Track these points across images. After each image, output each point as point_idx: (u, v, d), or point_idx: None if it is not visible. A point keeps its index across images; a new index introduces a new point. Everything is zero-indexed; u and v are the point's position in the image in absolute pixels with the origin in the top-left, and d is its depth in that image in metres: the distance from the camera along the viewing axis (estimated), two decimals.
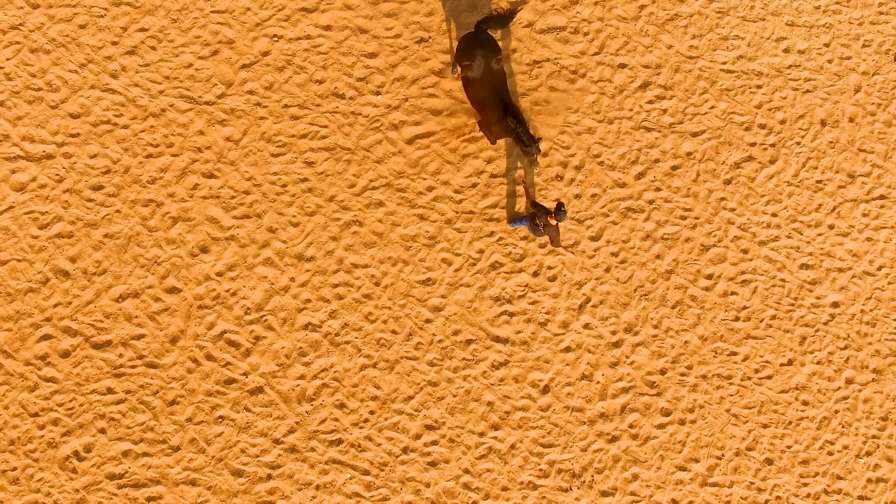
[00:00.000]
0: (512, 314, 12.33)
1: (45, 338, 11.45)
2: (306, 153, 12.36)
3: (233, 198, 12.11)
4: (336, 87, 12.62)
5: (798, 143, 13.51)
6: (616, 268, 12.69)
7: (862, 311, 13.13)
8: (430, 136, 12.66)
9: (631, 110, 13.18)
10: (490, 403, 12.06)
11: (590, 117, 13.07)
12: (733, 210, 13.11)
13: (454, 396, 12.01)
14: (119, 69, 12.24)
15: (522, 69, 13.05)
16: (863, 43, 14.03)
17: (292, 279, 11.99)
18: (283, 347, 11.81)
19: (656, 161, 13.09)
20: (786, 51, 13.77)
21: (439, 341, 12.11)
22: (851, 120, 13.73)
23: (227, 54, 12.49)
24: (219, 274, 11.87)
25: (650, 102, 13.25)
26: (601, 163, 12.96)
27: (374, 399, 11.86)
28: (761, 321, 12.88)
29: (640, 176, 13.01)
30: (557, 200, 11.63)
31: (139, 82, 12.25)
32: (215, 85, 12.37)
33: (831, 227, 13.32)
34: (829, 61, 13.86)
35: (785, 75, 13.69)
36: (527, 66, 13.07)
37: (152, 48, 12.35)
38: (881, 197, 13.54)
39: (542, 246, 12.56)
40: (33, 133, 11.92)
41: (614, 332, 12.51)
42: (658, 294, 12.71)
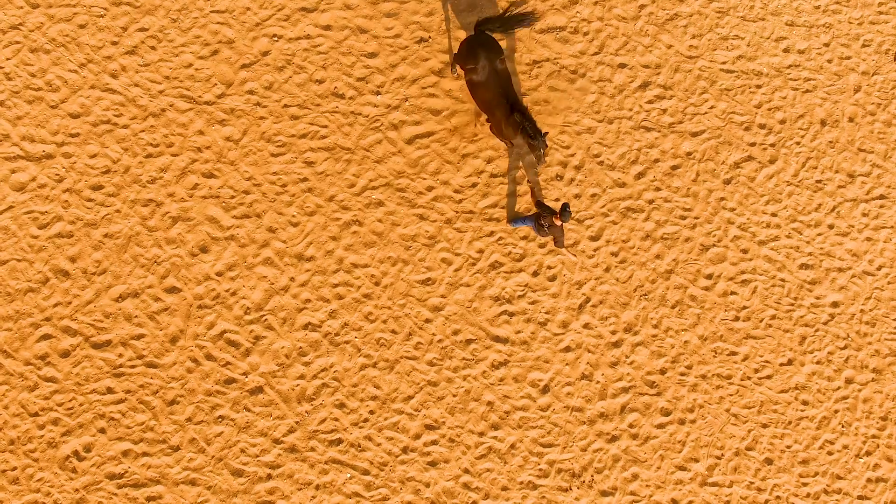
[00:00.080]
0: (512, 314, 12.33)
1: (45, 337, 11.45)
2: (306, 153, 12.36)
3: (232, 197, 12.11)
4: (336, 87, 12.62)
5: (798, 143, 13.51)
6: (616, 267, 12.69)
7: (861, 310, 13.14)
8: (430, 135, 12.66)
9: (631, 110, 13.18)
10: (490, 403, 12.07)
11: (589, 117, 13.07)
12: (733, 210, 13.11)
13: (454, 396, 12.01)
14: (119, 69, 12.24)
15: (522, 69, 13.05)
16: (862, 43, 14.03)
17: (292, 279, 11.99)
18: (282, 347, 11.81)
19: (656, 161, 13.09)
20: (785, 50, 13.77)
21: (439, 341, 12.11)
22: (851, 120, 13.73)
23: (227, 54, 12.49)
24: (219, 274, 11.87)
25: (650, 102, 13.25)
26: (601, 162, 12.96)
27: (374, 399, 11.86)
28: (761, 321, 12.88)
29: (639, 176, 13.01)
30: (563, 202, 11.62)
31: (139, 82, 12.25)
32: (215, 85, 12.37)
33: (831, 226, 13.32)
34: (829, 61, 13.86)
35: (785, 75, 13.69)
36: (526, 66, 13.07)
37: (152, 48, 12.35)
38: (881, 197, 13.54)
39: (541, 246, 12.56)
40: (33, 133, 11.92)
41: (614, 332, 12.51)
42: (658, 294, 12.72)
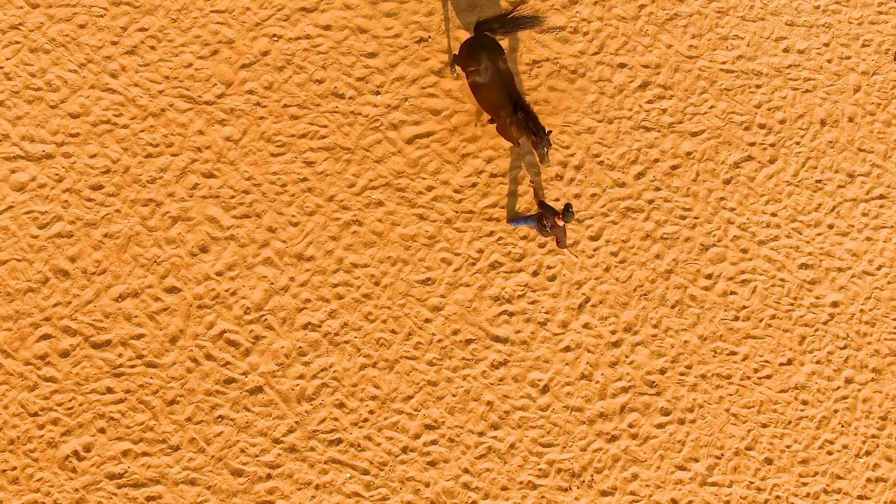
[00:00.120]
0: (511, 314, 12.33)
1: (45, 337, 11.45)
2: (306, 153, 12.37)
3: (232, 197, 12.11)
4: (335, 87, 12.62)
5: (797, 143, 13.51)
6: (615, 267, 12.70)
7: (861, 310, 13.14)
8: (430, 135, 12.67)
9: (630, 110, 13.18)
10: (489, 403, 12.07)
11: (589, 117, 13.07)
12: (733, 210, 13.12)
13: (454, 396, 12.02)
14: (119, 69, 12.24)
15: (522, 69, 13.05)
16: (862, 42, 14.03)
17: (292, 279, 11.99)
18: (282, 347, 11.81)
19: (656, 161, 13.09)
20: (785, 50, 13.77)
21: (439, 341, 12.12)
22: (851, 119, 13.73)
23: (227, 54, 12.49)
24: (218, 273, 11.88)
25: (650, 102, 13.25)
26: (601, 162, 12.96)
27: (374, 399, 11.86)
28: (761, 321, 12.88)
29: (639, 175, 13.01)
30: (566, 202, 11.64)
31: (139, 82, 12.25)
32: (215, 85, 12.37)
33: (831, 226, 13.32)
34: (829, 61, 13.86)
35: (784, 75, 13.69)
36: (526, 66, 13.07)
37: (152, 48, 12.35)
38: (881, 196, 13.54)
39: (541, 245, 12.57)
40: (33, 133, 11.93)
41: (614, 332, 12.51)
42: (657, 294, 12.72)
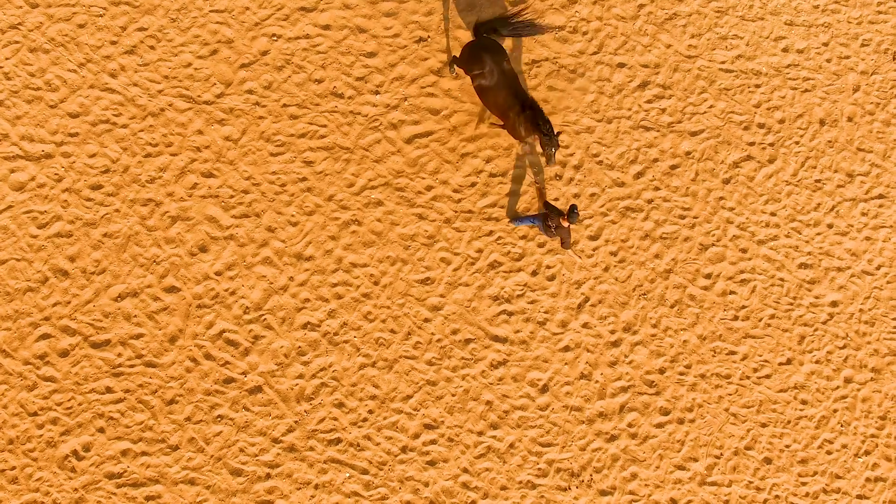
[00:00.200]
0: (511, 313, 12.34)
1: (44, 337, 11.45)
2: (305, 152, 12.37)
3: (232, 197, 12.11)
4: (335, 87, 12.63)
5: (797, 143, 13.51)
6: (615, 267, 12.70)
7: (861, 310, 13.14)
8: (429, 135, 12.67)
9: (630, 109, 13.18)
10: (489, 402, 12.07)
11: (588, 116, 13.07)
12: (732, 209, 13.12)
13: (453, 395, 12.02)
14: (118, 68, 12.25)
15: (521, 69, 13.05)
16: (861, 42, 14.03)
17: (291, 278, 11.99)
18: (281, 347, 11.81)
19: (655, 160, 13.10)
20: (784, 50, 13.77)
21: (438, 340, 12.12)
22: (850, 119, 13.73)
23: (226, 54, 12.49)
24: (218, 273, 11.88)
25: (649, 102, 13.25)
26: (600, 162, 12.96)
27: (373, 398, 11.87)
28: (760, 320, 12.88)
29: (638, 175, 13.01)
30: (571, 203, 11.63)
31: (138, 82, 12.25)
32: (214, 84, 12.37)
33: (830, 226, 13.32)
34: (828, 60, 13.86)
35: (784, 74, 13.70)
36: (526, 66, 13.08)
37: (151, 47, 12.36)
38: (880, 196, 13.54)
39: (540, 245, 12.57)
40: (32, 132, 11.93)
41: (613, 332, 12.51)
42: (657, 293, 12.72)
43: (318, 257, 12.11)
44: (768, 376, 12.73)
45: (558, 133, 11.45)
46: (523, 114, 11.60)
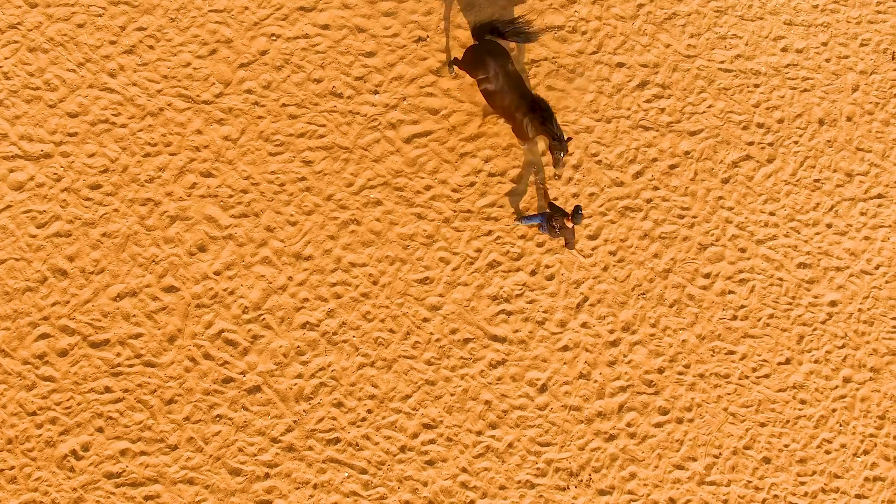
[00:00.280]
0: (510, 313, 12.34)
1: (43, 337, 11.46)
2: (304, 152, 12.37)
3: (231, 197, 12.11)
4: (334, 86, 12.63)
5: (796, 142, 13.51)
6: (614, 266, 12.70)
7: (859, 309, 13.14)
8: (428, 134, 12.67)
9: (629, 109, 13.18)
10: (488, 402, 12.07)
11: (588, 116, 13.07)
12: (731, 209, 13.12)
13: (452, 395, 12.02)
14: (117, 68, 12.25)
15: (521, 69, 13.05)
16: (861, 42, 14.03)
17: (290, 278, 12.00)
18: (280, 346, 11.82)
19: (654, 160, 13.09)
20: (784, 50, 13.77)
21: (437, 340, 12.12)
22: (849, 119, 13.73)
23: (225, 53, 12.49)
24: (217, 273, 11.88)
25: (648, 101, 13.25)
26: (599, 162, 12.96)
27: (372, 398, 11.87)
28: (759, 320, 12.88)
29: (637, 175, 13.01)
30: (576, 204, 11.66)
31: (137, 81, 12.25)
32: (213, 84, 12.37)
33: (829, 225, 13.32)
34: (827, 60, 13.86)
35: (783, 74, 13.69)
36: (525, 66, 13.08)
37: (150, 47, 12.36)
38: (879, 196, 13.54)
39: (539, 245, 12.57)
40: (31, 132, 11.93)
41: (612, 331, 12.51)
42: (656, 293, 12.72)
43: (316, 257, 12.11)
44: (767, 376, 12.73)
45: (569, 139, 11.45)
46: (531, 114, 11.60)
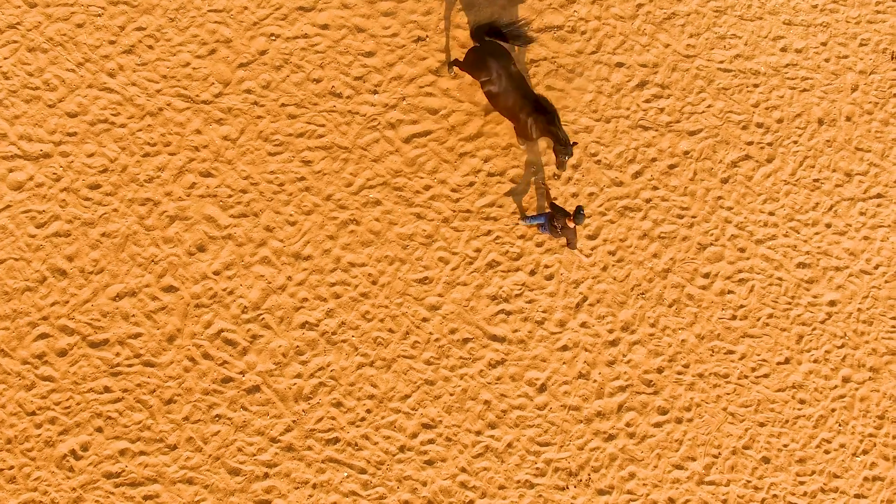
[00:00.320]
0: (509, 313, 12.34)
1: (43, 336, 11.46)
2: (303, 152, 12.37)
3: (230, 196, 12.12)
4: (333, 86, 12.63)
5: (795, 142, 13.51)
6: (613, 266, 12.70)
7: (859, 309, 13.14)
8: (428, 134, 12.67)
9: (628, 109, 13.18)
10: (487, 402, 12.07)
11: (587, 116, 13.07)
12: (730, 209, 13.12)
13: (451, 395, 12.02)
14: (116, 68, 12.25)
15: (520, 68, 13.05)
16: (860, 42, 14.03)
17: (289, 278, 12.00)
18: (279, 346, 11.82)
19: (653, 160, 13.10)
20: (783, 50, 13.77)
21: (436, 340, 12.12)
22: (848, 119, 13.73)
23: (225, 53, 12.49)
24: (216, 273, 11.89)
25: (647, 101, 13.25)
26: (598, 161, 12.96)
27: (371, 398, 11.87)
28: (758, 320, 12.88)
29: (637, 175, 13.01)
30: (578, 205, 11.63)
31: (136, 81, 12.26)
32: (212, 84, 12.37)
33: (828, 225, 13.32)
34: (827, 60, 13.86)
35: (782, 74, 13.69)
36: (524, 66, 13.08)
37: (150, 47, 12.36)
38: (878, 195, 13.54)
39: (538, 244, 12.57)
40: (31, 132, 11.93)
41: (611, 331, 12.52)
42: (655, 293, 12.72)
43: (316, 257, 12.11)
44: (766, 375, 12.74)
45: (574, 143, 11.44)
46: (535, 115, 11.58)
